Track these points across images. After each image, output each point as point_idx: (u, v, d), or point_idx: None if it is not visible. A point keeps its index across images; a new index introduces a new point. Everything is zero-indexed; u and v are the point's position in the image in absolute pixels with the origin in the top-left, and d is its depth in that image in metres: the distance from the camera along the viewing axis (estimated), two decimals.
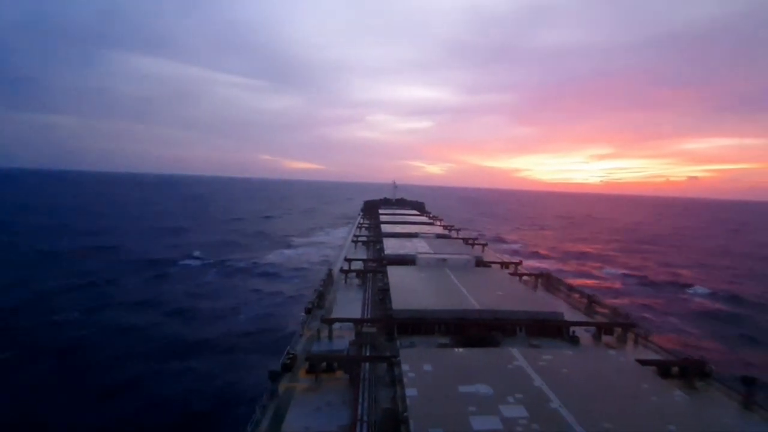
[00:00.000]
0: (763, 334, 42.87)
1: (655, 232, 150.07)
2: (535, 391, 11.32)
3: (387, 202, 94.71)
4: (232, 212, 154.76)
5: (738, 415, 12.54)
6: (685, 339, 40.51)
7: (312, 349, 16.10)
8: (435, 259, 28.72)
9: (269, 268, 65.31)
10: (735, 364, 33.27)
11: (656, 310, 50.90)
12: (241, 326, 40.40)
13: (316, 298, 21.48)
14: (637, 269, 77.25)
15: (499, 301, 19.93)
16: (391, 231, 45.14)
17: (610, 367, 13.61)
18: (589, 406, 10.53)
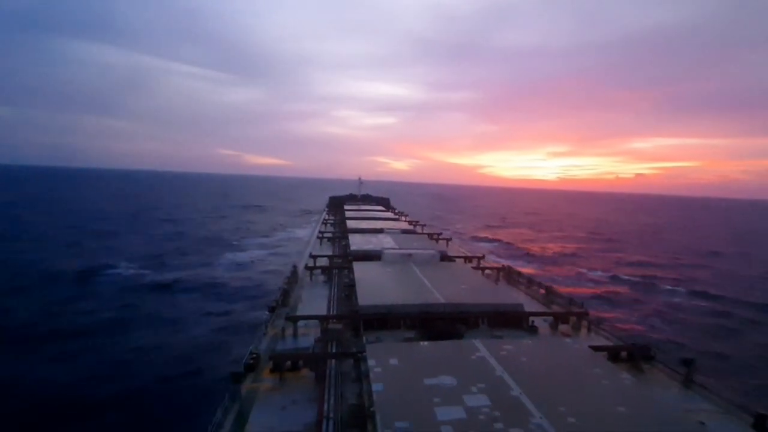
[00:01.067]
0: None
1: (625, 230, 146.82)
2: (497, 380, 11.72)
3: (352, 198, 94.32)
4: (180, 211, 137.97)
5: (679, 393, 13.61)
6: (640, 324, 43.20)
7: (276, 348, 15.80)
8: (400, 254, 28.95)
9: (211, 282, 53.35)
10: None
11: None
12: (163, 369, 29.55)
13: (280, 296, 21.08)
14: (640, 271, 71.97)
15: (462, 295, 20.41)
16: (357, 227, 45.05)
17: (565, 354, 14.34)
18: (547, 392, 11.04)
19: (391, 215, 66.43)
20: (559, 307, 21.59)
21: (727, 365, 33.02)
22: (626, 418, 9.99)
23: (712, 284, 63.98)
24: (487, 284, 24.77)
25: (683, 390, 13.80)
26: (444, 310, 18.61)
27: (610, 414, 10.16)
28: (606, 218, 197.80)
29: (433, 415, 9.78)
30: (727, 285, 63.92)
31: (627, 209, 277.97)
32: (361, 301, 19.00)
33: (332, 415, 10.90)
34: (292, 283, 24.36)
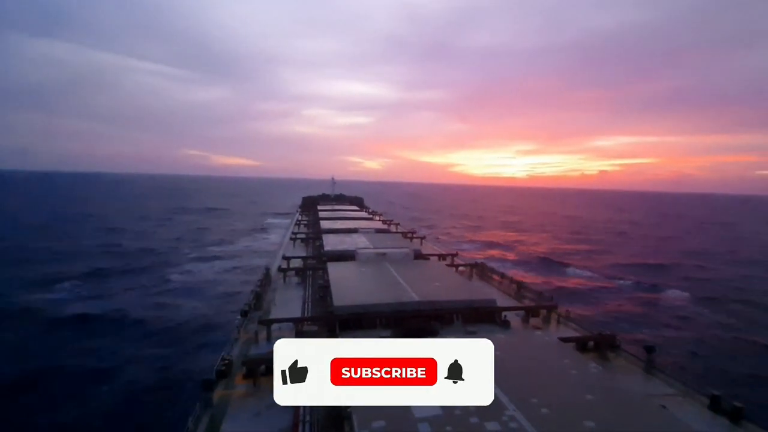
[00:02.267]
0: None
1: (608, 228, 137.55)
2: None
3: (325, 197, 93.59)
4: (125, 218, 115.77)
5: (641, 379, 14.32)
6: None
7: (249, 352, 15.46)
8: (375, 253, 28.95)
9: (141, 318, 38.32)
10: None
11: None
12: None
13: (252, 300, 20.64)
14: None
15: (436, 292, 20.61)
16: (331, 227, 44.73)
17: (536, 346, 14.77)
18: (519, 384, 11.32)
19: (365, 215, 66.39)
20: (530, 301, 22.22)
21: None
22: (594, 405, 10.39)
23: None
24: (461, 281, 25.15)
25: (645, 376, 14.53)
26: (419, 307, 18.74)
27: (579, 402, 10.54)
28: (583, 216, 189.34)
29: (409, 412, 9.84)
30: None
31: (597, 205, 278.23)
32: (335, 301, 18.86)
33: (308, 418, 10.78)
34: (265, 285, 23.91)
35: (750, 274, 66.96)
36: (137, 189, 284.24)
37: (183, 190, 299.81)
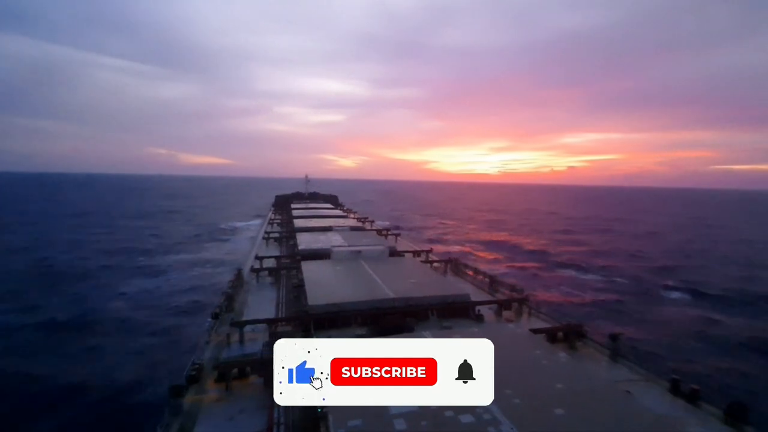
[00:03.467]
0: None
1: (594, 226, 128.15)
2: None
3: (299, 196, 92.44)
4: (67, 223, 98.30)
5: (607, 366, 14.93)
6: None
7: (221, 356, 15.06)
8: (350, 251, 28.82)
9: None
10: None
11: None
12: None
13: (224, 301, 20.10)
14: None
15: (412, 289, 20.72)
16: (305, 225, 44.26)
17: (508, 338, 15.11)
18: (494, 376, 11.54)
19: (340, 213, 66.02)
20: (503, 295, 22.71)
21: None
22: (563, 393, 10.73)
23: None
24: (436, 276, 25.40)
25: (611, 363, 15.15)
26: (394, 304, 18.81)
27: (549, 391, 10.86)
28: (565, 212, 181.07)
29: (385, 409, 9.85)
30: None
31: (573, 201, 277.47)
32: (310, 300, 18.65)
33: (283, 420, 10.62)
34: (237, 286, 23.36)
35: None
36: (97, 190, 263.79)
37: (146, 190, 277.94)
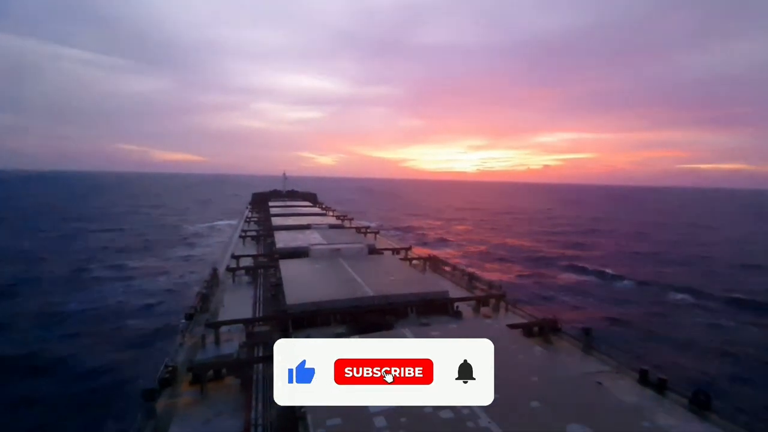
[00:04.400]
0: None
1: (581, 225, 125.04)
2: None
3: (277, 194, 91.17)
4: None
5: (580, 359, 15.37)
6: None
7: (196, 357, 14.68)
8: (328, 249, 28.62)
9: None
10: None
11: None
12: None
13: (198, 302, 19.61)
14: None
15: (391, 286, 20.75)
16: (283, 224, 43.67)
17: (486, 334, 15.32)
18: None
19: (318, 210, 65.47)
20: (481, 292, 23.05)
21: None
22: (538, 386, 10.99)
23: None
24: (415, 274, 25.52)
25: (584, 355, 15.63)
26: (373, 302, 18.79)
27: (525, 385, 11.09)
28: (547, 209, 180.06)
29: (365, 407, 9.83)
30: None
31: (555, 199, 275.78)
32: (288, 300, 18.42)
33: (260, 421, 10.46)
34: (213, 286, 22.85)
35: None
36: (58, 188, 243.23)
37: (113, 189, 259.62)
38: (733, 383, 27.81)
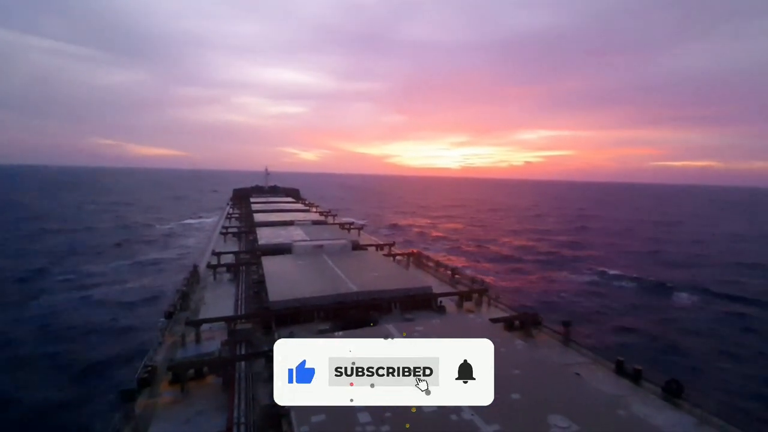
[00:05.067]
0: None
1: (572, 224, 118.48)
2: None
3: (259, 190, 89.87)
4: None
5: (560, 351, 15.75)
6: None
7: (176, 356, 14.38)
8: (312, 246, 28.42)
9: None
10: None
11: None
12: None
13: (178, 300, 19.19)
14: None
15: (375, 282, 20.77)
16: (265, 220, 43.14)
17: (469, 328, 15.53)
18: None
19: (302, 206, 64.91)
20: (464, 287, 23.28)
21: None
22: (520, 378, 11.19)
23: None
24: (398, 270, 25.60)
25: (563, 348, 16.01)
26: (357, 298, 18.77)
27: (507, 377, 11.27)
28: (534, 206, 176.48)
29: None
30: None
31: (539, 196, 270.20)
32: (271, 296, 18.23)
33: (243, 419, 10.32)
34: (193, 284, 22.41)
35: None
36: (27, 184, 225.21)
37: (85, 184, 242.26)
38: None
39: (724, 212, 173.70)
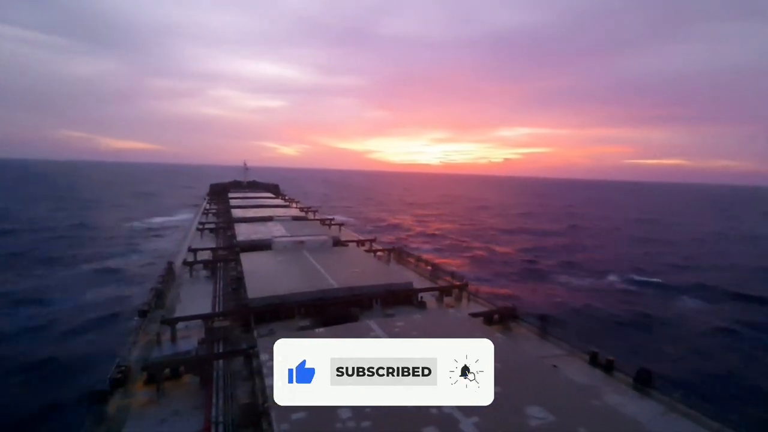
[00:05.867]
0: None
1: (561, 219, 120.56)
2: None
3: (237, 185, 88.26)
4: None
5: (537, 344, 16.12)
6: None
7: (151, 356, 14.02)
8: (292, 241, 28.15)
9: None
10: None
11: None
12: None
13: (152, 298, 18.67)
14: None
15: (356, 278, 20.75)
16: (244, 215, 42.46)
17: (449, 323, 15.74)
18: None
19: (281, 202, 64.13)
20: (444, 282, 23.53)
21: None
22: (498, 372, 11.38)
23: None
24: (379, 266, 25.65)
25: (541, 341, 16.40)
26: (338, 294, 18.72)
27: None
28: (521, 203, 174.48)
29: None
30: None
31: (522, 192, 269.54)
32: (250, 293, 17.97)
33: (221, 419, 10.15)
34: (168, 281, 21.84)
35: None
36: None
37: (49, 178, 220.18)
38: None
39: (705, 211, 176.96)
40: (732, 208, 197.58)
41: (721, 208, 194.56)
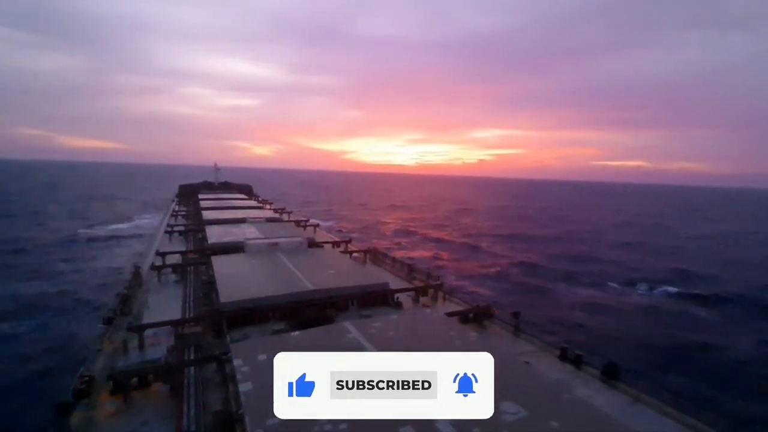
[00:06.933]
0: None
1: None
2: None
3: (208, 186, 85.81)
4: None
5: (511, 341, 16.52)
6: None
7: (117, 365, 13.43)
8: (266, 244, 27.63)
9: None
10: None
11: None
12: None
13: (118, 304, 17.91)
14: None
15: (331, 280, 20.60)
16: (215, 217, 41.30)
17: (425, 322, 15.88)
18: None
19: (255, 203, 62.91)
20: (420, 282, 23.70)
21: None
22: None
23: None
24: (355, 267, 25.56)
25: (514, 338, 16.81)
26: (314, 296, 18.51)
27: None
28: (502, 206, 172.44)
29: None
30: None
31: (499, 194, 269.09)
32: (222, 297, 17.51)
33: (193, 427, 9.86)
34: (135, 286, 21.00)
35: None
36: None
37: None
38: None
39: (683, 213, 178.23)
40: (704, 208, 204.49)
41: (694, 208, 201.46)
